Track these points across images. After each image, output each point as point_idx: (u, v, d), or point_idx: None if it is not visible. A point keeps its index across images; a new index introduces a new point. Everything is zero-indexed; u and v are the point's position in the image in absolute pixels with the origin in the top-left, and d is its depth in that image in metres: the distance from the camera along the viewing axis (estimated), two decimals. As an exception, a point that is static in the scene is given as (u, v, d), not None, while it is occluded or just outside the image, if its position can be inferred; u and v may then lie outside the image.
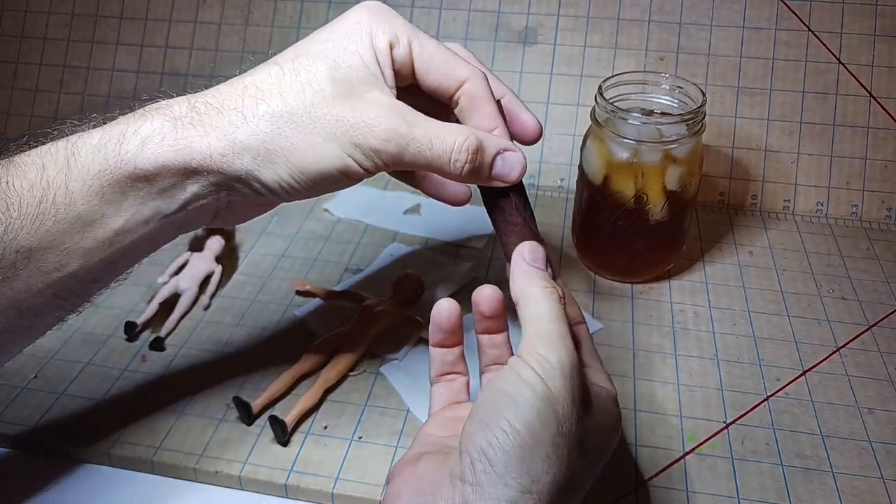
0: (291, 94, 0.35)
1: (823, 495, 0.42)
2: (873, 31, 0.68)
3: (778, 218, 0.68)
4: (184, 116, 0.35)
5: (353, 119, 0.35)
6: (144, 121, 0.35)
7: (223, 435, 0.45)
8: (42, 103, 0.79)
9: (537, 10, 0.73)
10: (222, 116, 0.35)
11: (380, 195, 0.69)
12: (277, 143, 0.35)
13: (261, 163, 0.35)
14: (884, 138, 0.67)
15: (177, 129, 0.35)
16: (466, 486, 0.30)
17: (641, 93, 0.57)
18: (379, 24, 0.37)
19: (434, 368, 0.40)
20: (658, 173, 0.53)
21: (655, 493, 0.42)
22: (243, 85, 0.36)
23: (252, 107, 0.35)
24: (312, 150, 0.35)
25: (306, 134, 0.35)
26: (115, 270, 0.37)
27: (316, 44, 0.37)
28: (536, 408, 0.31)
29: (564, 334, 0.33)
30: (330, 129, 0.35)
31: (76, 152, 0.34)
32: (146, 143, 0.34)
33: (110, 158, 0.34)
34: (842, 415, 0.47)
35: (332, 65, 0.36)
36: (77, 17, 0.80)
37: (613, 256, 0.58)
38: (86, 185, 0.34)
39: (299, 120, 0.35)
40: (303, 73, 0.35)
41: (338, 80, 0.35)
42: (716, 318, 0.55)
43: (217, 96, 0.36)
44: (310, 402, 0.46)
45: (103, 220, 0.35)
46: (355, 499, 0.42)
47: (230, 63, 0.76)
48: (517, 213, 0.39)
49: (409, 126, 0.35)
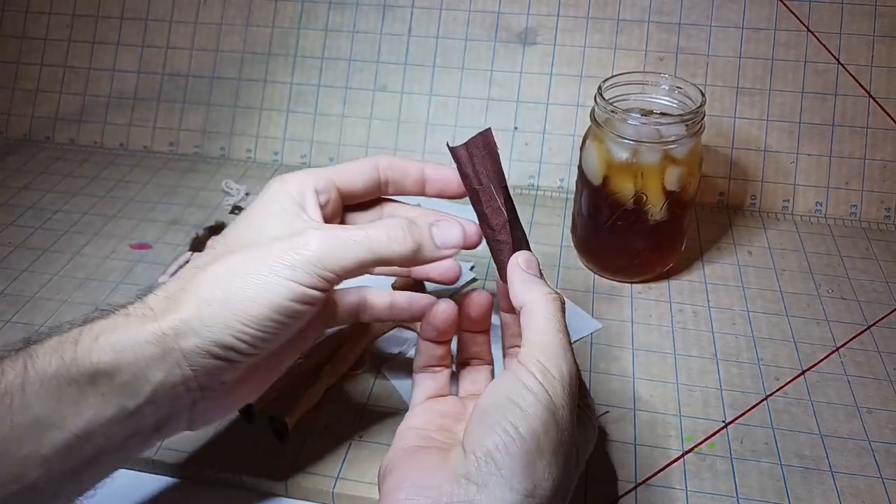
0: (225, 258, 0.36)
1: (822, 495, 0.42)
2: (872, 32, 0.68)
3: (777, 218, 0.68)
4: (136, 310, 0.35)
5: (286, 247, 0.35)
6: (98, 319, 0.35)
7: (223, 434, 0.45)
8: (43, 103, 0.79)
9: (537, 11, 0.73)
10: (170, 300, 0.35)
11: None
12: (222, 292, 0.34)
13: (209, 324, 0.34)
14: (883, 138, 0.68)
15: (129, 319, 0.34)
16: (471, 486, 0.31)
17: (641, 93, 0.57)
18: (292, 180, 0.39)
19: (421, 359, 0.41)
20: (657, 173, 0.53)
21: (654, 493, 0.42)
22: (180, 278, 0.36)
23: (192, 284, 0.35)
24: (258, 287, 0.34)
25: (248, 276, 0.34)
26: (79, 484, 0.35)
27: (235, 224, 0.39)
28: (540, 416, 0.32)
29: (566, 346, 0.34)
30: (268, 261, 0.35)
31: (33, 355, 0.33)
32: (100, 336, 0.33)
33: (66, 356, 0.33)
34: (841, 414, 0.47)
35: (255, 224, 0.38)
36: (78, 17, 0.80)
37: (613, 256, 0.58)
38: (42, 388, 0.32)
39: (238, 269, 0.35)
40: (231, 243, 0.37)
41: (261, 226, 0.37)
42: (715, 318, 0.55)
43: (165, 294, 0.36)
44: (310, 402, 0.46)
45: (63, 422, 0.32)
46: (355, 498, 0.42)
47: (231, 63, 0.77)
48: (506, 233, 0.40)
49: (343, 230, 0.37)
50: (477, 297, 0.40)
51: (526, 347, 0.34)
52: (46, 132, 0.79)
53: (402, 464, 0.34)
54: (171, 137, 0.77)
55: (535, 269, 0.38)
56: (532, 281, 0.37)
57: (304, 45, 0.76)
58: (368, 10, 0.75)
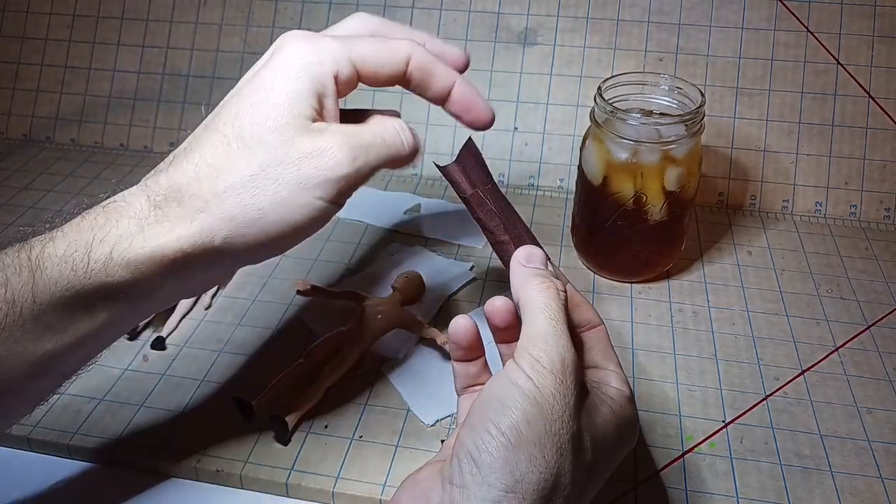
0: (243, 163, 0.34)
1: (822, 494, 0.42)
2: (872, 32, 0.68)
3: (777, 218, 0.68)
4: (147, 216, 0.34)
5: (312, 162, 0.34)
6: (109, 226, 0.34)
7: (224, 434, 0.45)
8: (43, 104, 0.79)
9: (537, 11, 0.73)
10: (183, 207, 0.34)
11: (380, 195, 0.69)
12: (245, 214, 0.34)
13: (233, 238, 0.34)
14: (882, 139, 0.68)
15: (144, 231, 0.34)
16: (454, 489, 0.30)
17: (641, 93, 0.57)
18: (314, 59, 0.35)
19: (459, 382, 0.39)
20: (657, 173, 0.53)
21: (654, 493, 0.42)
22: (194, 164, 0.34)
23: (209, 187, 0.34)
24: (282, 207, 0.34)
25: (272, 194, 0.34)
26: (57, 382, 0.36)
27: (247, 98, 0.35)
28: (522, 408, 0.31)
29: (559, 332, 0.33)
30: (293, 181, 0.34)
31: (41, 266, 0.32)
32: (114, 250, 0.33)
33: (79, 270, 0.33)
34: (840, 414, 0.47)
35: (273, 117, 0.34)
36: (78, 17, 0.80)
37: (613, 256, 0.58)
38: (52, 300, 0.32)
39: (260, 184, 0.34)
40: (247, 137, 0.34)
41: (282, 129, 0.34)
42: (715, 318, 0.55)
43: (171, 183, 0.34)
44: (310, 402, 0.46)
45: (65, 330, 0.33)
46: (355, 498, 0.42)
47: (231, 64, 0.77)
48: (502, 232, 0.40)
49: (358, 137, 0.36)
50: (496, 304, 0.37)
51: (520, 341, 0.33)
52: (47, 132, 0.79)
53: (406, 481, 0.34)
54: (172, 137, 0.77)
55: (537, 262, 0.37)
56: (529, 275, 0.36)
57: (304, 46, 0.76)
58: (369, 11, 0.75)
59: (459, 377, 0.39)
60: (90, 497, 0.43)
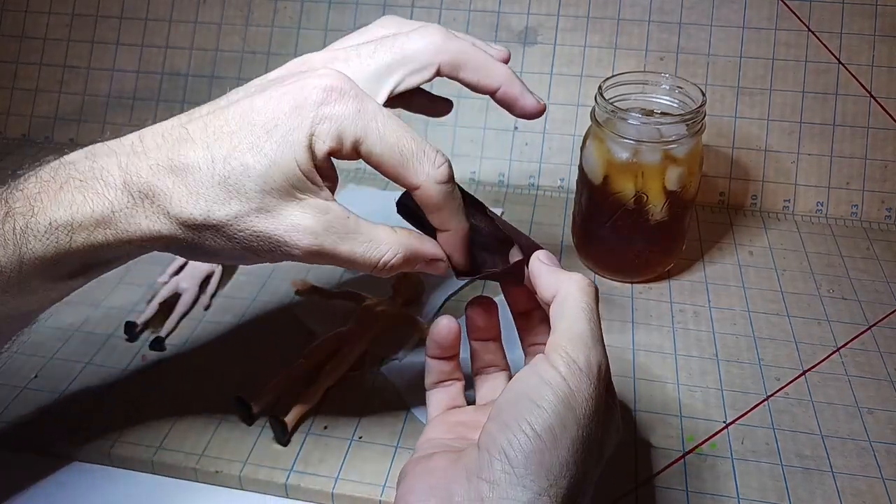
0: (217, 205, 0.33)
1: (823, 495, 0.42)
2: (873, 32, 0.68)
3: (778, 218, 0.68)
4: (122, 207, 0.33)
5: (275, 235, 0.34)
6: (86, 205, 0.33)
7: (223, 435, 0.45)
8: (42, 103, 0.79)
9: (537, 10, 0.73)
10: (155, 206, 0.34)
11: (380, 195, 0.69)
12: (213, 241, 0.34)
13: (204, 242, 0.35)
14: (883, 138, 0.67)
15: (119, 220, 0.34)
16: (483, 483, 0.30)
17: (641, 93, 0.57)
18: (324, 119, 0.34)
19: (431, 377, 0.40)
20: (658, 173, 0.53)
21: (655, 493, 0.42)
22: (175, 177, 0.33)
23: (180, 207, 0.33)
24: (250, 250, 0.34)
25: (241, 238, 0.34)
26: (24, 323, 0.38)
27: (254, 124, 0.34)
28: (557, 411, 0.31)
29: (598, 336, 0.33)
30: (264, 233, 0.34)
31: (26, 242, 0.33)
32: (97, 229, 0.34)
33: (61, 245, 0.33)
34: (842, 415, 0.47)
35: (265, 171, 0.33)
36: (77, 17, 0.80)
37: (613, 256, 0.58)
38: (35, 271, 0.34)
39: (230, 230, 0.34)
40: (231, 181, 0.33)
41: (266, 192, 0.33)
42: (716, 318, 0.55)
43: (150, 181, 0.34)
44: (310, 402, 0.46)
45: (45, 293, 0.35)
46: (355, 499, 0.42)
47: (230, 63, 0.76)
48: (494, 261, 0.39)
49: (334, 242, 0.35)
50: (479, 304, 0.39)
51: (553, 337, 0.33)
52: (45, 132, 0.79)
53: (416, 468, 0.34)
54: (171, 137, 0.77)
55: (556, 263, 0.37)
56: (564, 272, 0.35)
57: (304, 45, 0.75)
58: (368, 10, 0.75)
59: (433, 373, 0.40)
60: (88, 497, 0.43)
